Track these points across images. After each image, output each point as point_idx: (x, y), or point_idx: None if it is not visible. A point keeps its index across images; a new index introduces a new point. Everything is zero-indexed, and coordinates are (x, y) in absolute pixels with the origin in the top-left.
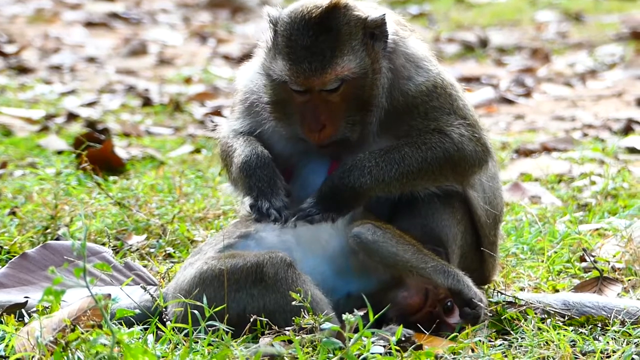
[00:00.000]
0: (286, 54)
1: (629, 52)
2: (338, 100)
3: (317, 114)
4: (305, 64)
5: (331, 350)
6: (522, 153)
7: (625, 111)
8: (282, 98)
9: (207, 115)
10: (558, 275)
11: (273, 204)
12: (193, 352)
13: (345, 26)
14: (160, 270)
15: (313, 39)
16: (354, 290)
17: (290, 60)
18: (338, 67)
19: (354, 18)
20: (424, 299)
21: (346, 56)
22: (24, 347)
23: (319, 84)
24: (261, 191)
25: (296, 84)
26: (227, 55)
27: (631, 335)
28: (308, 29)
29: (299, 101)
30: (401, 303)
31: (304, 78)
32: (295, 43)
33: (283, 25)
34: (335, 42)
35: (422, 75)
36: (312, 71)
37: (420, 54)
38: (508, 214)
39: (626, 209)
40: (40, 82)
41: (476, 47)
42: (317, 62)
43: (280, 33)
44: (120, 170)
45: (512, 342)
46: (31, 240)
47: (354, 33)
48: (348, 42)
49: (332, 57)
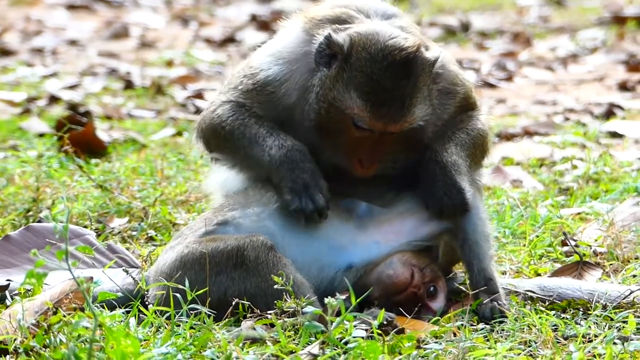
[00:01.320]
0: (364, 93)
1: (611, 36)
2: (394, 139)
3: (373, 153)
4: (385, 109)
5: (313, 333)
6: (504, 137)
7: (606, 95)
8: (337, 127)
9: (188, 98)
10: (540, 259)
11: (317, 203)
12: (175, 336)
13: (422, 72)
14: (142, 253)
15: (395, 83)
16: (357, 260)
17: (370, 101)
18: (414, 116)
19: (426, 62)
20: (410, 279)
21: (421, 104)
22: (6, 330)
23: (394, 129)
24: (305, 186)
25: (368, 125)
26: (208, 39)
27: (613, 319)
28: (391, 72)
29: (357, 136)
30: (386, 282)
31: (383, 123)
32: (377, 84)
33: (361, 61)
34: (413, 89)
35: (459, 94)
36: (391, 116)
37: (453, 73)
38: (490, 198)
39: (608, 193)
40: (22, 64)
41: (458, 31)
42: (397, 108)
43: (355, 66)
44: (102, 153)
45: (494, 326)
46: (13, 222)
47: (426, 78)
48: (422, 89)
49: (410, 104)
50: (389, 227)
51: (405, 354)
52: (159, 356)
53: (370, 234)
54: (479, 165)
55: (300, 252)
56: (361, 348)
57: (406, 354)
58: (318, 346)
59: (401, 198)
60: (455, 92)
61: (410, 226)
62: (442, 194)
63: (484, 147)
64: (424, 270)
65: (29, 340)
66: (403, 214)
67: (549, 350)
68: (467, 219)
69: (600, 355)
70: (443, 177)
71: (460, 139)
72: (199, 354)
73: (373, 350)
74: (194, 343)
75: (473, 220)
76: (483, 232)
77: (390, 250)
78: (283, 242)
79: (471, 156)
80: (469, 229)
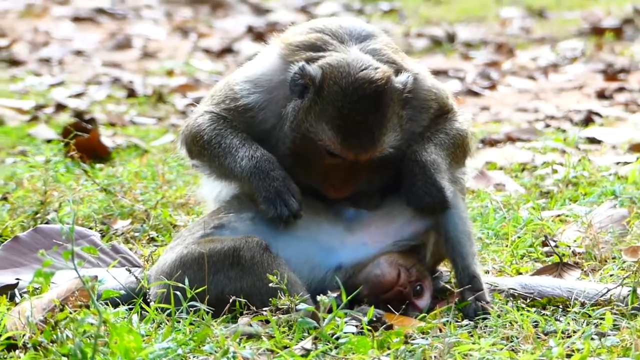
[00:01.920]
0: (336, 126)
1: (590, 46)
2: (366, 164)
3: (345, 178)
4: (355, 140)
5: (306, 329)
6: (488, 143)
7: (585, 103)
8: (309, 155)
9: (188, 106)
10: (521, 259)
11: (290, 207)
12: (175, 331)
13: (391, 103)
14: (144, 253)
15: (364, 117)
16: (346, 260)
17: (341, 134)
18: (384, 145)
19: (395, 92)
20: (397, 279)
21: (390, 133)
22: (15, 326)
23: (365, 158)
24: (278, 192)
25: (340, 154)
26: (207, 49)
27: (591, 316)
28: (361, 105)
29: (329, 162)
30: (374, 281)
31: (354, 153)
32: (347, 117)
33: (332, 95)
34: (382, 121)
35: (432, 107)
36: (361, 147)
37: (426, 87)
38: (474, 200)
39: (586, 196)
40: (30, 74)
41: (444, 41)
42: (367, 140)
43: (327, 100)
44: (106, 158)
45: (478, 322)
46: (22, 224)
47: (395, 107)
48: (392, 119)
49: (380, 134)
50: (375, 229)
51: (393, 349)
52: (160, 351)
53: (358, 236)
54: (460, 164)
55: (293, 254)
56: (352, 343)
57: (394, 348)
58: (311, 341)
59: (386, 200)
60: (429, 107)
61: (395, 227)
62: (422, 192)
63: (464, 146)
64: (410, 270)
65: (37, 335)
66: (388, 216)
67: (530, 345)
68: (448, 218)
69: (578, 350)
70: (423, 176)
71: (439, 138)
72: (198, 348)
73: (363, 345)
74: (193, 338)
75: (454, 220)
76: (464, 231)
77: (378, 251)
78: (276, 244)
79: (451, 155)
80: (451, 228)
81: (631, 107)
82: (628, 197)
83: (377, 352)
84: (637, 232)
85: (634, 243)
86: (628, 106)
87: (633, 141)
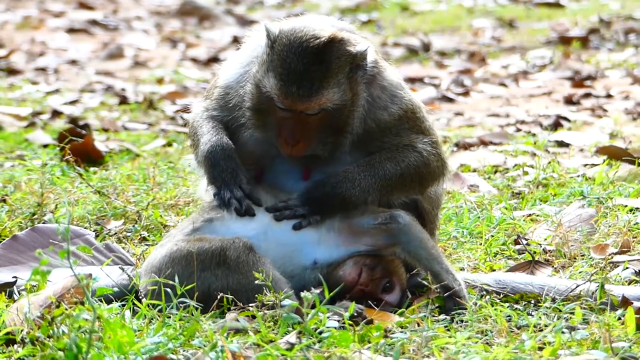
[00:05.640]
0: (278, 74)
1: (558, 55)
2: (315, 122)
3: (293, 131)
4: (294, 88)
5: (291, 324)
6: (462, 146)
7: (554, 108)
8: (264, 108)
9: (177, 112)
10: (495, 257)
11: (234, 194)
12: (166, 326)
13: (336, 60)
14: (136, 252)
15: (306, 67)
16: (320, 257)
17: (282, 81)
18: (323, 98)
19: (344, 53)
20: (357, 278)
21: (331, 88)
22: (14, 322)
23: (302, 108)
24: (224, 181)
25: (282, 103)
26: (195, 58)
27: (561, 311)
28: (303, 56)
29: (280, 115)
30: (338, 281)
31: (291, 100)
32: (289, 66)
33: (280, 46)
34: (324, 74)
35: (396, 104)
36: (299, 96)
37: (395, 83)
38: (449, 201)
39: (556, 196)
40: (27, 82)
41: (420, 50)
42: (305, 89)
43: (276, 51)
44: (99, 162)
45: (454, 317)
46: (20, 225)
47: (342, 67)
48: (335, 76)
49: (320, 87)
50: (347, 235)
51: (373, 343)
52: (151, 345)
53: (332, 237)
54: (412, 192)
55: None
56: (334, 337)
57: (375, 342)
58: (295, 336)
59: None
60: (389, 104)
61: (363, 237)
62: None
63: (420, 176)
64: (374, 268)
65: (35, 331)
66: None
67: (503, 339)
68: (400, 237)
69: (549, 343)
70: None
71: (384, 168)
72: (188, 343)
73: (345, 339)
74: (183, 333)
75: (407, 238)
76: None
77: (349, 254)
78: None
79: (392, 187)
80: (404, 243)
81: (597, 112)
82: (595, 197)
83: (358, 345)
84: (605, 230)
85: (602, 241)
86: (594, 111)
87: (599, 144)
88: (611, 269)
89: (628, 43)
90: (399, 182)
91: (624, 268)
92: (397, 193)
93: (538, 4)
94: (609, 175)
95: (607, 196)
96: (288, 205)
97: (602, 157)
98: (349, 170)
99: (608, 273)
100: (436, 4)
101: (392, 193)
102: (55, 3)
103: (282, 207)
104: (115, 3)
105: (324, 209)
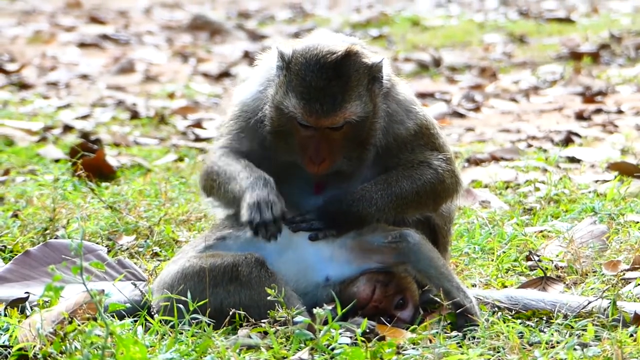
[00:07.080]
0: (299, 93)
1: (568, 70)
2: (339, 137)
3: (319, 149)
4: (317, 105)
5: (303, 340)
6: (473, 162)
7: (565, 124)
8: (287, 129)
9: (189, 127)
10: (506, 273)
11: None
12: (178, 342)
13: (355, 73)
14: (148, 267)
15: (326, 82)
16: (333, 274)
17: (304, 99)
18: (346, 111)
19: (362, 65)
20: (371, 295)
21: (353, 101)
22: (26, 338)
23: (328, 123)
24: (258, 203)
25: (306, 121)
26: (206, 73)
27: (573, 327)
28: (322, 72)
29: (303, 135)
30: (352, 298)
31: (315, 117)
32: (310, 84)
33: (297, 65)
34: (345, 87)
35: (412, 119)
36: (323, 112)
37: (409, 98)
38: (461, 217)
39: (567, 213)
40: (38, 97)
41: (430, 66)
42: (329, 104)
43: (293, 71)
44: (111, 177)
45: (466, 333)
46: (32, 240)
47: (361, 79)
48: (356, 88)
49: (342, 101)
50: (359, 253)
51: (386, 359)
52: None
53: (344, 255)
54: (427, 210)
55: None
56: (346, 354)
57: (387, 359)
58: (307, 352)
59: (373, 232)
60: (405, 119)
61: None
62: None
63: (435, 194)
64: (388, 284)
65: (47, 347)
66: (368, 244)
67: (515, 355)
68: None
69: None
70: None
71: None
72: (200, 359)
73: (357, 355)
74: (195, 349)
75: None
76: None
77: (360, 271)
78: (270, 258)
79: (408, 205)
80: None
81: (608, 127)
82: (607, 213)
83: None
84: (616, 247)
85: (614, 257)
86: (605, 127)
87: (611, 160)
88: (623, 286)
89: (639, 59)
90: (414, 200)
91: (636, 284)
92: (412, 211)
93: (549, 20)
94: (621, 191)
95: (618, 212)
96: (305, 219)
97: (614, 173)
98: (366, 188)
99: (620, 290)
100: (447, 19)
101: (407, 211)
102: (66, 17)
103: (299, 220)
104: (127, 18)
105: (339, 224)
